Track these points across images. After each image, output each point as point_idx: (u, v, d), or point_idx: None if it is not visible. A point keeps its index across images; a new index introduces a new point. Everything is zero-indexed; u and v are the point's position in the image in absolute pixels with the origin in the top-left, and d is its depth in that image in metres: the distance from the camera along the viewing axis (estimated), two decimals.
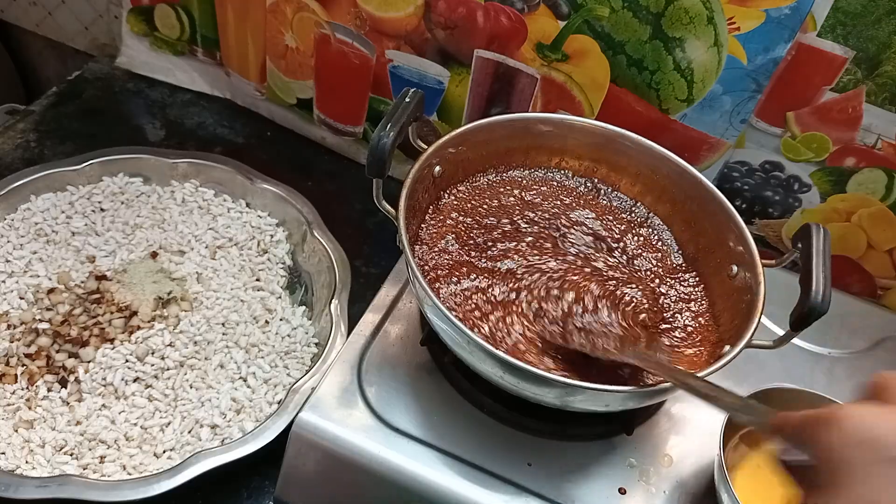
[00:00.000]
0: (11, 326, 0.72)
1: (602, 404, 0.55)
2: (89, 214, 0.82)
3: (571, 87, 0.78)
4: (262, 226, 0.85)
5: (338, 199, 0.93)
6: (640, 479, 0.60)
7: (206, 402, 0.69)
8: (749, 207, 0.80)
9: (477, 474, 0.58)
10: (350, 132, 0.96)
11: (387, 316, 0.68)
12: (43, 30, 1.19)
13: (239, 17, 0.92)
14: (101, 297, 0.75)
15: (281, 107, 0.99)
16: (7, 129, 0.94)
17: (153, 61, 1.03)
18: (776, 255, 0.62)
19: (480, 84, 0.83)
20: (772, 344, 0.57)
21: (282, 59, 0.93)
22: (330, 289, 0.77)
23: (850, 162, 0.73)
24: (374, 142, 0.55)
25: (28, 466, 0.64)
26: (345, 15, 0.84)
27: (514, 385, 0.54)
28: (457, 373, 0.62)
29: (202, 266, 0.80)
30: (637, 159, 0.69)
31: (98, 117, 0.99)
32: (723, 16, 0.67)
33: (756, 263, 0.59)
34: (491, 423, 0.62)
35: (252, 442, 0.64)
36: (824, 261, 0.55)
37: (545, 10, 0.74)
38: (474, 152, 0.68)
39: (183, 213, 0.84)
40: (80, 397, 0.68)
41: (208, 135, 0.99)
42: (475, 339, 0.52)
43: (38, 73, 1.34)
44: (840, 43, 0.66)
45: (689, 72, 0.72)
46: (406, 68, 0.85)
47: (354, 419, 0.60)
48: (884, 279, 0.80)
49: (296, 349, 0.75)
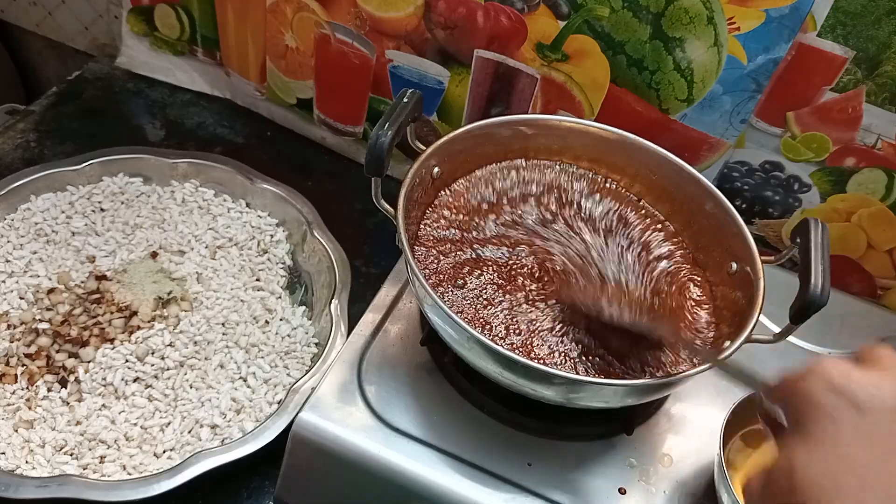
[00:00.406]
0: (11, 326, 0.72)
1: (602, 400, 0.55)
2: (89, 214, 0.82)
3: (571, 87, 0.78)
4: (262, 226, 0.85)
5: (338, 199, 0.93)
6: (640, 479, 0.60)
7: (206, 402, 0.69)
8: (749, 207, 0.80)
9: (477, 474, 0.58)
10: (350, 132, 0.96)
11: (387, 316, 0.68)
12: (43, 30, 1.19)
13: (239, 17, 0.92)
14: (101, 297, 0.75)
15: (281, 107, 0.99)
16: (7, 129, 0.94)
17: (153, 61, 1.03)
18: (776, 255, 0.62)
19: (480, 84, 0.83)
20: (772, 338, 0.57)
21: (282, 59, 0.93)
22: (330, 289, 0.77)
23: (850, 162, 0.73)
24: (373, 141, 0.55)
25: (28, 466, 0.64)
26: (345, 15, 0.84)
27: (513, 382, 0.54)
28: (457, 373, 0.62)
29: (202, 266, 0.80)
30: (636, 160, 0.69)
31: (98, 117, 0.99)
32: (723, 16, 0.67)
33: (755, 260, 0.60)
34: (491, 423, 0.62)
35: (252, 442, 0.64)
36: (823, 254, 0.55)
37: (545, 10, 0.74)
38: (473, 153, 0.68)
39: (183, 213, 0.84)
40: (80, 397, 0.68)
41: (208, 135, 0.99)
42: (475, 335, 0.52)
43: (38, 73, 1.34)
44: (840, 43, 0.66)
45: (689, 72, 0.72)
46: (406, 68, 0.85)
47: (354, 419, 0.60)
48: (884, 279, 0.80)
49: (296, 349, 0.75)
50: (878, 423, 0.35)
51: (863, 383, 0.36)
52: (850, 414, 0.36)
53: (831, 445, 0.36)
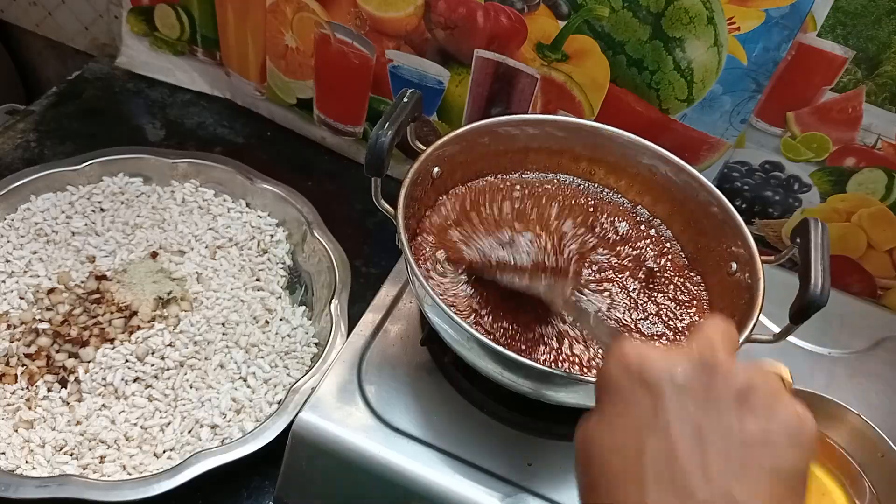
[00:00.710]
0: (11, 326, 0.72)
1: None
2: (89, 214, 0.82)
3: (571, 87, 0.78)
4: (262, 226, 0.85)
5: (338, 199, 0.93)
6: None
7: (206, 402, 0.69)
8: (749, 207, 0.80)
9: (477, 474, 0.58)
10: (350, 132, 0.96)
11: (387, 316, 0.68)
12: (43, 30, 1.19)
13: (239, 17, 0.92)
14: (101, 297, 0.75)
15: (281, 107, 0.99)
16: (7, 129, 0.94)
17: (153, 61, 1.03)
18: (776, 255, 0.62)
19: (480, 84, 0.83)
20: (772, 338, 0.57)
21: (282, 59, 0.93)
22: (330, 289, 0.77)
23: (850, 162, 0.73)
24: (373, 141, 0.56)
25: (28, 466, 0.64)
26: (345, 15, 0.84)
27: (513, 382, 0.54)
28: (457, 373, 0.62)
29: (202, 266, 0.80)
30: (636, 160, 0.69)
31: (98, 117, 0.99)
32: (723, 16, 0.67)
33: (755, 260, 0.60)
34: (491, 423, 0.62)
35: (252, 442, 0.64)
36: (823, 254, 0.55)
37: (545, 10, 0.74)
38: (473, 153, 0.68)
39: (183, 213, 0.84)
40: (80, 397, 0.68)
41: (208, 135, 1.00)
42: (475, 334, 0.52)
43: (38, 73, 1.34)
44: (840, 43, 0.66)
45: (689, 72, 0.72)
46: (406, 68, 0.85)
47: (354, 419, 0.60)
48: (884, 279, 0.80)
49: (296, 349, 0.75)
50: (659, 399, 0.35)
51: (655, 363, 0.36)
52: (639, 391, 0.36)
53: (606, 421, 0.37)
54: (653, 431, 0.35)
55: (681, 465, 0.34)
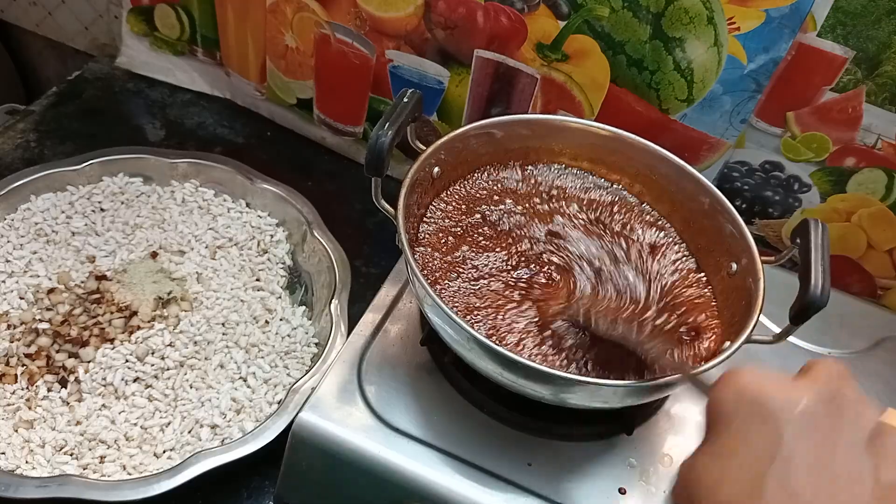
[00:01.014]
0: (11, 326, 0.72)
1: (601, 400, 0.55)
2: (89, 214, 0.82)
3: (571, 87, 0.78)
4: (262, 226, 0.85)
5: (338, 199, 0.93)
6: (640, 479, 0.60)
7: (206, 402, 0.69)
8: (749, 207, 0.80)
9: (477, 474, 0.58)
10: (350, 132, 0.96)
11: (387, 316, 0.68)
12: (43, 30, 1.19)
13: (239, 17, 0.92)
14: (101, 297, 0.75)
15: (281, 107, 0.99)
16: (7, 129, 0.94)
17: (153, 61, 1.03)
18: (776, 255, 0.62)
19: (480, 84, 0.83)
20: (772, 339, 0.57)
21: (282, 59, 0.93)
22: (330, 289, 0.77)
23: (850, 162, 0.73)
24: (373, 141, 0.55)
25: (28, 466, 0.64)
26: (345, 15, 0.84)
27: (513, 382, 0.54)
28: (457, 373, 0.62)
29: (202, 266, 0.80)
30: (636, 159, 0.69)
31: (98, 117, 0.99)
32: (723, 16, 0.67)
33: (755, 260, 0.60)
34: (491, 423, 0.61)
35: (252, 442, 0.64)
36: (823, 255, 0.55)
37: (545, 10, 0.74)
38: (473, 153, 0.68)
39: (183, 213, 0.84)
40: (80, 397, 0.68)
41: (208, 135, 1.00)
42: (475, 335, 0.52)
43: (38, 73, 1.34)
44: (840, 43, 0.66)
45: (689, 72, 0.72)
46: (406, 68, 0.85)
47: (354, 419, 0.60)
48: (884, 279, 0.80)
49: (296, 349, 0.75)
50: (779, 432, 0.34)
51: (777, 394, 0.35)
52: (757, 425, 0.35)
53: (717, 452, 0.36)
54: (772, 466, 0.33)
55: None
